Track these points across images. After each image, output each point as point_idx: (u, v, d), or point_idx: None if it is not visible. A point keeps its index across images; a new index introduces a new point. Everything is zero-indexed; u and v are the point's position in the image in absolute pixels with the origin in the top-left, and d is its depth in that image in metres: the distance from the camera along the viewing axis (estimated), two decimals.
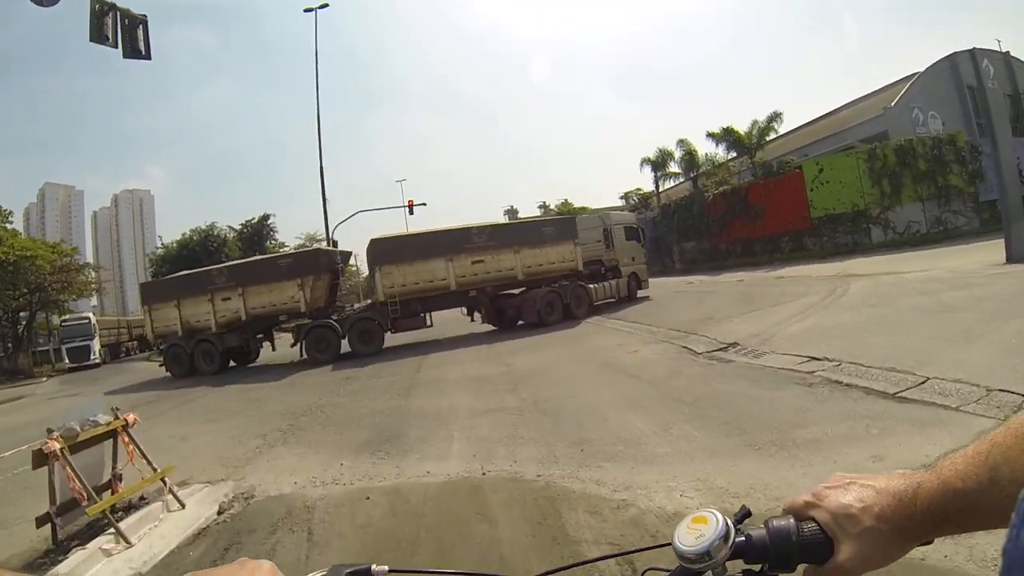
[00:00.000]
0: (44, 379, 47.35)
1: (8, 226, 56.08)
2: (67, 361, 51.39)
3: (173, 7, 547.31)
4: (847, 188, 37.75)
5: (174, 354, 24.50)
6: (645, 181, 72.95)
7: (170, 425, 14.03)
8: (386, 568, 1.00)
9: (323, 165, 42.39)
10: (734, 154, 50.82)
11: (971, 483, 0.82)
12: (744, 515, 0.99)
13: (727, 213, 45.02)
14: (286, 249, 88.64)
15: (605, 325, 21.32)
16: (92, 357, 51.34)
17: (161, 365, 25.18)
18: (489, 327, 25.74)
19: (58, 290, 57.06)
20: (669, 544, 0.94)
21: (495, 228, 25.14)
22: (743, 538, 0.93)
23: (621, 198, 72.94)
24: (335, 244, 40.76)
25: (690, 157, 53.74)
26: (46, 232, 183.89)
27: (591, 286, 25.59)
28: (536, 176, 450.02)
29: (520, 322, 24.57)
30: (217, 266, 24.99)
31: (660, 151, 56.26)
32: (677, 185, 60.11)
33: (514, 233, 25.18)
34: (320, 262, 24.73)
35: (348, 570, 0.97)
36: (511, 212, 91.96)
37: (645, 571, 1.07)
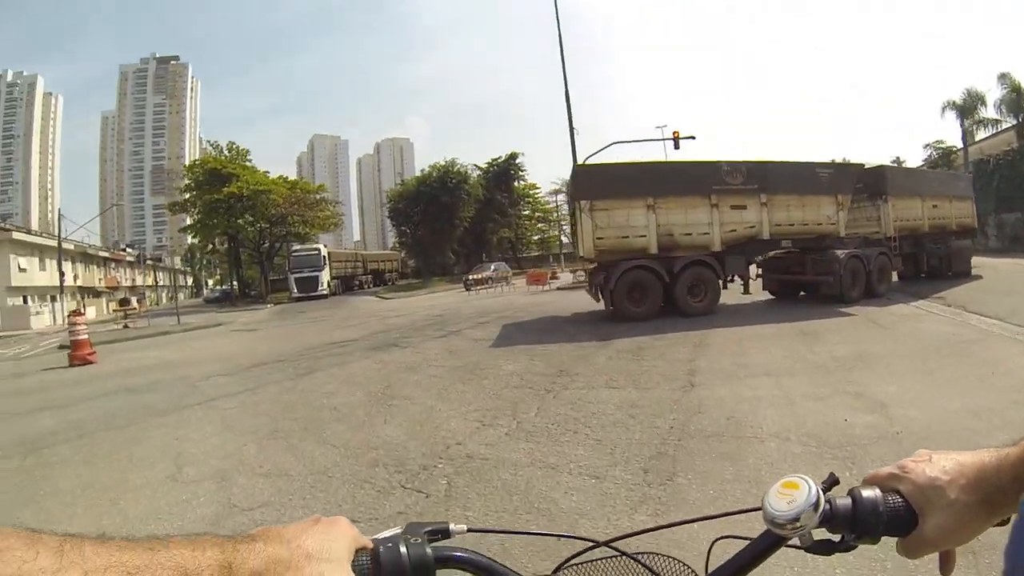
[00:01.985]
0: (268, 306, 45.31)
1: (248, 163, 55.78)
2: (295, 291, 48.21)
3: None
4: None
5: (634, 282, 15.43)
6: (947, 132, 58.36)
7: (192, 441, 7.13)
8: (464, 527, 0.91)
9: (568, 89, 34.28)
10: None
11: None
12: (832, 483, 0.90)
13: None
14: (538, 192, 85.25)
15: (961, 319, 12.10)
16: (320, 288, 47.99)
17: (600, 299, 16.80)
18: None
19: (296, 223, 56.17)
20: (758, 509, 0.87)
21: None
22: (829, 507, 0.86)
23: (893, 161, 59.90)
24: None
25: (1016, 96, 38.63)
26: (315, 177, 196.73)
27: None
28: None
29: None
30: (728, 160, 16.95)
31: (968, 92, 42.30)
32: (994, 135, 43.83)
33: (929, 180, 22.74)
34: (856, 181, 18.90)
35: (426, 528, 0.86)
36: None
37: (715, 540, 1.01)
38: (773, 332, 11.88)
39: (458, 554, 0.87)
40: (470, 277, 37.93)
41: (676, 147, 32.11)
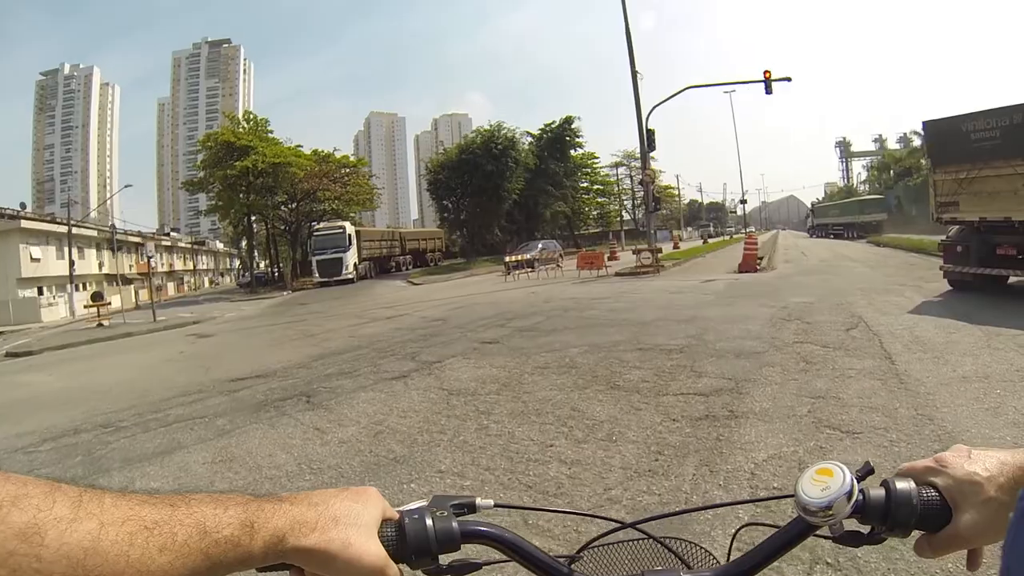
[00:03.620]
0: (285, 293, 40.77)
1: (269, 134, 50.48)
2: (317, 274, 42.84)
3: None
4: None
5: None
6: None
7: None
8: (491, 502, 0.89)
9: (629, 25, 27.44)
10: None
11: None
12: (867, 472, 0.87)
13: None
14: (597, 163, 77.87)
15: None
16: (345, 271, 42.15)
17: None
18: None
19: (327, 200, 51.22)
20: (791, 496, 0.84)
21: None
22: (862, 497, 0.82)
23: None
24: (651, 134, 27.29)
25: None
26: (372, 156, 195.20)
27: None
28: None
29: None
30: None
31: None
32: None
33: None
34: None
35: (452, 502, 0.85)
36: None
37: (741, 527, 1.04)
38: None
39: (484, 529, 0.84)
40: (510, 259, 31.51)
41: (768, 91, 26.32)
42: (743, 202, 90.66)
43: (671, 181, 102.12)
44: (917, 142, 75.88)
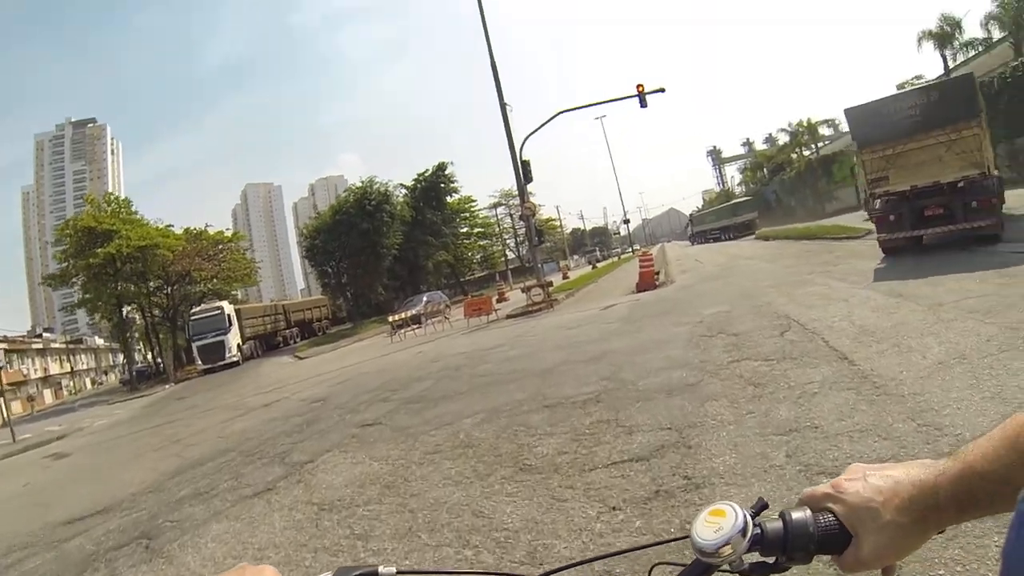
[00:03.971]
0: (167, 387, 37.89)
1: (133, 215, 48.24)
2: (199, 362, 40.21)
3: (341, 13, 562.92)
4: None
5: None
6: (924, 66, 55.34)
7: None
8: (394, 569, 0.88)
9: (494, 59, 27.04)
10: None
11: (998, 465, 0.77)
12: (761, 507, 0.90)
13: None
14: (475, 206, 77.76)
15: None
16: (228, 355, 39.59)
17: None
18: None
19: (205, 280, 48.96)
20: (686, 537, 0.87)
21: None
22: (759, 531, 0.85)
23: None
24: (527, 165, 27.17)
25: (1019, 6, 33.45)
26: (252, 228, 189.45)
27: None
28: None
29: None
30: None
31: (944, 18, 38.00)
32: (978, 55, 38.09)
33: None
34: None
35: (356, 572, 0.85)
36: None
37: (653, 566, 1.02)
38: None
39: None
40: (393, 319, 29.89)
41: (643, 104, 26.59)
42: (626, 222, 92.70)
43: (551, 212, 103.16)
44: (784, 139, 79.57)
